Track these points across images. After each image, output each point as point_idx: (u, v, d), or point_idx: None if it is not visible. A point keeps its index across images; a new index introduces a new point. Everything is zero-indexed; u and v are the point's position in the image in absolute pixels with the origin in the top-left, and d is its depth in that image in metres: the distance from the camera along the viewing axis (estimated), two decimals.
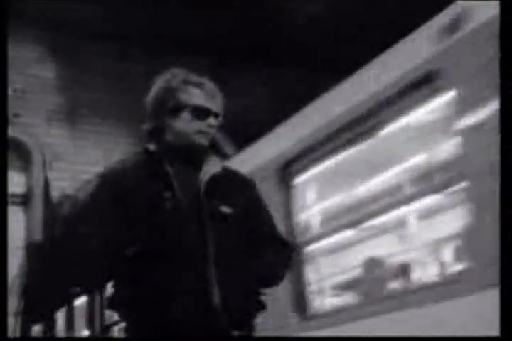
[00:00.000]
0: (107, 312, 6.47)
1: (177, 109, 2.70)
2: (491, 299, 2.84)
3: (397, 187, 5.09)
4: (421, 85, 3.80)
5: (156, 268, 2.54)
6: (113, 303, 2.67)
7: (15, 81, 9.69)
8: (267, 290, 2.72)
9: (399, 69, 4.00)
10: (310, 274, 4.95)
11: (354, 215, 4.92)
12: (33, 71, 10.76)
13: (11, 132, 9.07)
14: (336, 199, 5.67)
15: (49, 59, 10.98)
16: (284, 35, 11.31)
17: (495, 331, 2.42)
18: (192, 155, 2.73)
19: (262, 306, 2.71)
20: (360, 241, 5.79)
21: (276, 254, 2.74)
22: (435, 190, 4.03)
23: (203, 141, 2.71)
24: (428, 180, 4.70)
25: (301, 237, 4.76)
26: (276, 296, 2.90)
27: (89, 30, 10.95)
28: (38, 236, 9.68)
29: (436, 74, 3.69)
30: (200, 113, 2.70)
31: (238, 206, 2.68)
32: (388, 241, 5.49)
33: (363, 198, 5.37)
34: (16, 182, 9.60)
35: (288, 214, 4.73)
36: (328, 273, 5.73)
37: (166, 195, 2.61)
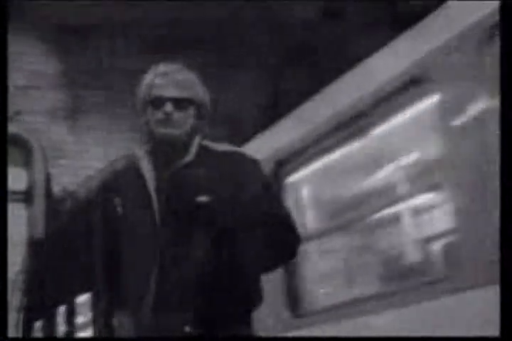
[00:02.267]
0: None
1: (144, 106, 2.72)
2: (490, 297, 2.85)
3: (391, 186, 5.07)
4: (408, 87, 3.83)
5: (129, 269, 2.59)
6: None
7: (16, 78, 9.68)
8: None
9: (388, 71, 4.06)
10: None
11: (350, 214, 4.88)
12: (35, 67, 10.75)
13: (12, 129, 9.06)
14: (331, 198, 5.56)
15: (51, 55, 10.97)
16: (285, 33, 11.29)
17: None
18: (165, 148, 2.68)
19: (246, 300, 2.61)
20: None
21: (273, 241, 2.53)
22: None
23: (168, 130, 2.61)
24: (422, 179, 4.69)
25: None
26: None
27: (91, 26, 10.94)
28: (40, 232, 9.69)
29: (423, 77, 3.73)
30: (156, 102, 2.66)
31: (223, 192, 2.52)
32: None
33: (357, 197, 5.31)
34: (17, 179, 9.59)
35: None
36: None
37: (141, 200, 2.62)
